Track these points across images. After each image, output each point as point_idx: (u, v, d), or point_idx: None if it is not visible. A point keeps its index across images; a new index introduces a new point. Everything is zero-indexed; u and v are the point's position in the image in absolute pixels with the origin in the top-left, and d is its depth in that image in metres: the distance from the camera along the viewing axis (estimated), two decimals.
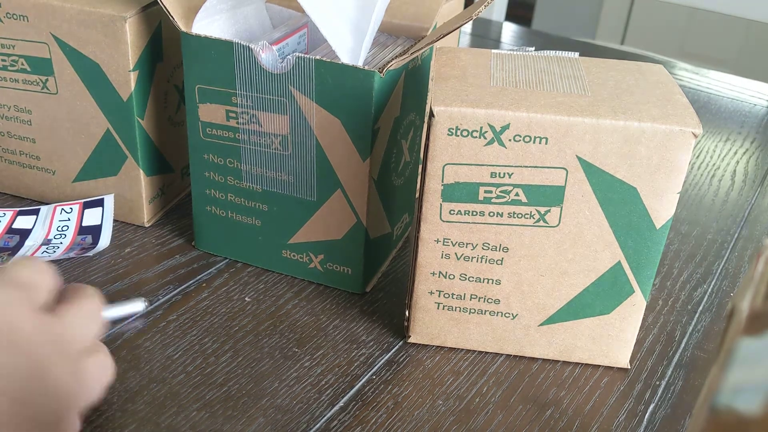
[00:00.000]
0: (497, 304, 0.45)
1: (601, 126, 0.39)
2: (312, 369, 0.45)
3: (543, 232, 0.42)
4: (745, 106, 0.91)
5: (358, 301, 0.51)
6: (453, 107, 0.40)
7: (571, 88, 0.42)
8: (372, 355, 0.47)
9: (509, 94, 0.41)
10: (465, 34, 1.06)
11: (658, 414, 0.44)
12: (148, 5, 0.51)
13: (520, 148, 0.40)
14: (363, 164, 0.47)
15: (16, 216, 0.55)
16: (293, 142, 0.47)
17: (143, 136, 0.54)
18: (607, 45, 1.26)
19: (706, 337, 0.51)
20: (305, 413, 0.42)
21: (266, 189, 0.50)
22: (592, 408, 0.44)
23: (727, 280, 0.58)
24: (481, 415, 0.43)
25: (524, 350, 0.47)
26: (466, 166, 0.41)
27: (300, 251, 0.51)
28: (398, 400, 0.43)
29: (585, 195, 0.41)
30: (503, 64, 0.45)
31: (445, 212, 0.43)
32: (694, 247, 0.61)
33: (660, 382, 0.46)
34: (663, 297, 0.55)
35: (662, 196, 0.41)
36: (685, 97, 0.42)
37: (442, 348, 0.48)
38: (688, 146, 0.39)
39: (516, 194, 0.41)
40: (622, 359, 0.47)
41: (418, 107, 0.54)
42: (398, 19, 0.53)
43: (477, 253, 0.44)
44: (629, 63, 0.47)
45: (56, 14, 0.50)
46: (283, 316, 0.49)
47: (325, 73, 0.44)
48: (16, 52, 0.53)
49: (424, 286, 0.45)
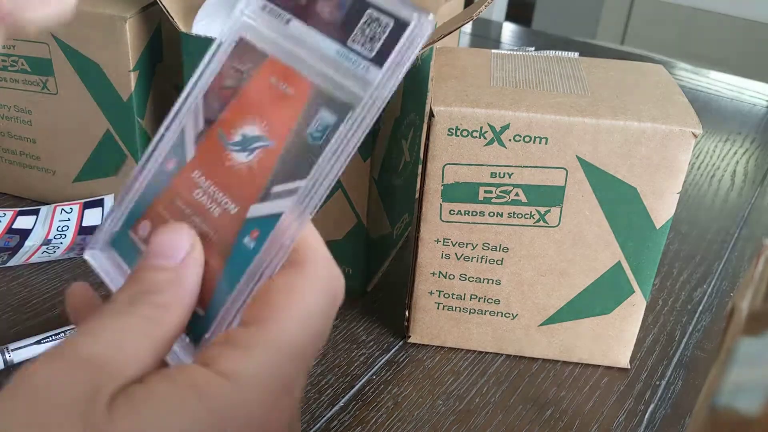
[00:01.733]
0: (497, 304, 0.45)
1: (601, 126, 0.39)
2: (312, 369, 0.45)
3: (543, 232, 0.42)
4: (745, 106, 0.91)
5: (358, 301, 0.51)
6: (453, 107, 0.40)
7: (571, 88, 0.42)
8: (372, 355, 0.47)
9: (509, 94, 0.41)
10: (465, 34, 1.06)
11: (658, 414, 0.44)
12: (148, 5, 0.51)
13: (520, 148, 0.40)
14: (363, 164, 0.47)
15: (17, 216, 0.55)
16: None
17: (143, 136, 0.54)
18: (607, 45, 1.26)
19: (706, 337, 0.51)
20: (305, 413, 0.42)
21: None
22: (592, 408, 0.44)
23: (727, 280, 0.58)
24: (481, 415, 0.43)
25: (524, 350, 0.47)
26: (466, 166, 0.41)
27: None
28: (398, 400, 0.43)
29: (585, 195, 0.41)
30: (503, 64, 0.45)
31: (445, 212, 0.43)
32: (694, 247, 0.61)
33: (660, 382, 0.46)
34: (663, 297, 0.55)
35: (662, 196, 0.41)
36: (685, 97, 0.42)
37: (442, 348, 0.48)
38: (688, 146, 0.39)
39: (516, 194, 0.41)
40: (622, 359, 0.47)
41: (418, 107, 0.54)
42: None
43: (477, 253, 0.44)
44: (629, 63, 0.47)
45: None
46: None
47: None
48: (16, 53, 0.53)
49: (424, 286, 0.45)
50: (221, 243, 0.25)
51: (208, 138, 0.26)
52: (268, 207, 0.24)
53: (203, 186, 0.26)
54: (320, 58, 0.24)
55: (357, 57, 0.24)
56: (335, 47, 0.24)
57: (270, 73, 0.26)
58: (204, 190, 0.26)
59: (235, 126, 0.26)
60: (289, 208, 0.24)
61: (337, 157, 0.24)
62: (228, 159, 0.25)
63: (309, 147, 0.24)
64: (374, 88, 0.23)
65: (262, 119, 0.25)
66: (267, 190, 0.24)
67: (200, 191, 0.26)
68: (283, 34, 0.25)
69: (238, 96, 0.26)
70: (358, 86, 0.24)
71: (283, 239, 0.24)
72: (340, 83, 0.24)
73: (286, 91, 0.25)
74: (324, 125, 0.24)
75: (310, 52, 0.25)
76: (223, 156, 0.26)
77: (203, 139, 0.26)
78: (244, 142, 0.25)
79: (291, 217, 0.24)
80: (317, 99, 0.24)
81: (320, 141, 0.24)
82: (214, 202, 0.25)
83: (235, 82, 0.26)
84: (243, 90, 0.26)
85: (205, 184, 0.26)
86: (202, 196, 0.26)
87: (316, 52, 0.25)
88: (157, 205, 0.27)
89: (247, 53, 0.26)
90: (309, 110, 0.24)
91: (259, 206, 0.24)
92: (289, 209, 0.24)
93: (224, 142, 0.26)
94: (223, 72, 0.27)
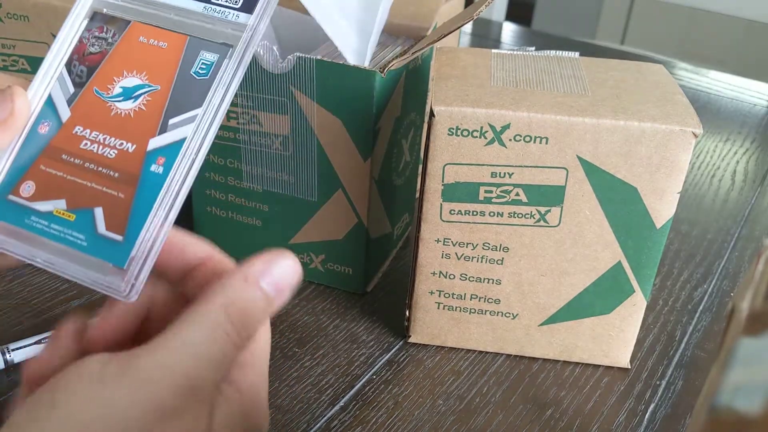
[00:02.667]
0: (497, 303, 0.45)
1: (602, 126, 0.39)
2: (312, 369, 0.45)
3: (543, 232, 0.42)
4: (745, 106, 0.91)
5: (358, 301, 0.51)
6: (453, 107, 0.40)
7: (571, 88, 0.42)
8: (372, 354, 0.47)
9: (509, 94, 0.41)
10: (465, 34, 1.06)
11: (659, 414, 0.44)
12: None
13: (520, 147, 0.40)
14: (364, 164, 0.47)
15: None
16: (294, 143, 0.47)
17: None
18: (607, 45, 1.26)
19: (706, 336, 0.51)
20: (305, 413, 0.42)
21: (267, 189, 0.50)
22: (592, 408, 0.44)
23: (727, 280, 0.58)
24: (482, 415, 0.43)
25: (524, 350, 0.47)
26: (466, 166, 0.41)
27: (301, 251, 0.51)
28: (398, 400, 0.43)
29: (585, 195, 0.41)
30: (503, 64, 0.45)
31: (445, 212, 0.43)
32: (694, 247, 0.61)
33: (660, 382, 0.46)
34: (663, 297, 0.55)
35: (662, 195, 0.41)
36: (685, 97, 0.42)
37: (443, 348, 0.48)
38: (689, 146, 0.39)
39: (516, 194, 0.41)
40: (622, 359, 0.47)
41: (419, 107, 0.54)
42: (398, 19, 0.53)
43: (477, 253, 0.44)
44: (629, 63, 0.47)
45: (57, 14, 0.50)
46: (283, 315, 0.49)
47: (326, 73, 0.44)
48: (16, 52, 0.53)
49: (424, 286, 0.45)
50: (126, 177, 0.29)
51: (82, 98, 0.30)
52: (170, 136, 0.29)
53: (90, 137, 0.29)
54: (188, 16, 0.30)
55: (224, 9, 0.30)
56: (201, 5, 0.30)
57: (138, 34, 0.30)
58: (92, 140, 0.29)
59: (112, 82, 0.30)
60: (191, 132, 0.29)
61: (225, 87, 0.29)
62: (111, 110, 0.29)
63: (197, 82, 0.29)
64: (250, 29, 0.29)
65: (140, 71, 0.30)
66: (164, 123, 0.29)
67: (87, 142, 0.29)
68: (142, 4, 0.31)
69: (109, 57, 0.30)
70: (233, 30, 0.30)
71: (189, 161, 0.28)
72: (214, 30, 0.30)
73: (160, 45, 0.30)
74: (207, 64, 0.29)
75: (176, 12, 0.30)
76: (106, 108, 0.30)
77: (77, 100, 0.30)
78: (126, 93, 0.30)
79: (194, 141, 0.28)
80: (194, 46, 0.30)
81: (206, 76, 0.29)
82: (107, 146, 0.29)
83: (101, 47, 0.31)
84: (112, 52, 0.30)
85: (92, 135, 0.29)
86: (92, 145, 0.29)
87: (182, 12, 0.30)
88: (38, 165, 0.29)
89: (106, 23, 0.31)
90: (188, 55, 0.30)
91: (160, 138, 0.29)
92: (192, 132, 0.29)
93: (103, 97, 0.30)
94: (84, 42, 0.31)
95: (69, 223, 0.28)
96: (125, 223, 0.28)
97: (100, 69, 0.30)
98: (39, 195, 0.29)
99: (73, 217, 0.28)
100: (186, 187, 0.28)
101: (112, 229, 0.28)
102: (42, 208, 0.29)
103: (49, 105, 0.30)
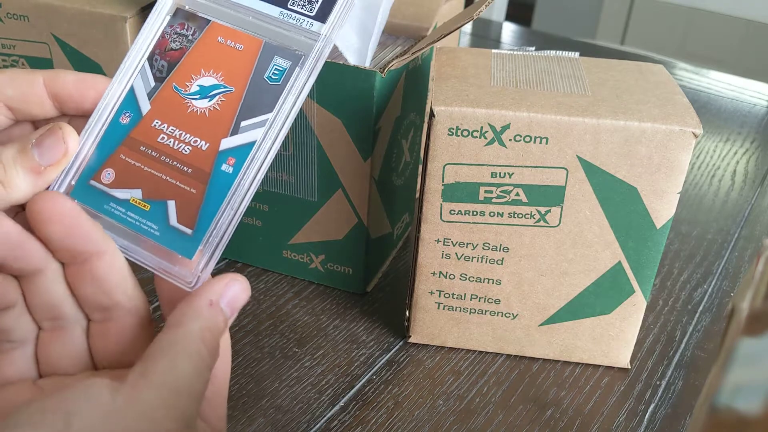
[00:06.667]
0: (497, 304, 0.45)
1: (602, 126, 0.39)
2: (312, 369, 0.45)
3: (543, 232, 0.42)
4: (745, 106, 0.91)
5: (358, 301, 0.51)
6: (453, 107, 0.40)
7: (571, 88, 0.42)
8: (372, 355, 0.47)
9: (509, 94, 0.41)
10: (465, 34, 1.06)
11: (659, 414, 0.44)
12: (148, 5, 0.51)
13: (520, 147, 0.40)
14: (364, 164, 0.47)
15: None
16: (294, 143, 0.47)
17: None
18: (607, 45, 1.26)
19: (706, 337, 0.51)
20: (305, 413, 0.42)
21: (267, 189, 0.50)
22: (592, 408, 0.44)
23: (727, 280, 0.58)
24: (482, 415, 0.43)
25: (524, 350, 0.47)
26: (466, 166, 0.41)
27: (301, 251, 0.51)
28: (398, 400, 0.43)
29: (585, 195, 0.41)
30: (503, 64, 0.45)
31: (445, 212, 0.43)
32: (694, 247, 0.61)
33: (660, 382, 0.46)
34: (663, 297, 0.55)
35: (662, 195, 0.41)
36: (685, 97, 0.42)
37: (443, 348, 0.48)
38: (689, 146, 0.39)
39: (516, 194, 0.41)
40: (622, 359, 0.47)
41: (419, 107, 0.54)
42: (398, 19, 0.53)
43: (477, 253, 0.44)
44: (629, 63, 0.47)
45: (57, 14, 0.50)
46: (283, 316, 0.49)
47: (326, 74, 0.44)
48: (16, 52, 0.53)
49: (424, 286, 0.45)
50: (198, 173, 0.29)
51: (162, 93, 0.31)
52: (241, 138, 0.30)
53: (167, 131, 0.30)
54: (264, 19, 0.31)
55: (299, 16, 0.30)
56: (278, 10, 0.30)
57: (216, 34, 0.31)
58: (169, 134, 0.30)
59: (190, 79, 0.31)
60: (261, 135, 0.29)
61: (295, 95, 0.30)
62: (188, 107, 0.30)
63: (269, 87, 0.30)
64: (323, 39, 0.30)
65: (217, 71, 0.30)
66: (236, 125, 0.30)
67: (165, 136, 0.30)
68: (222, 4, 0.31)
69: (188, 55, 0.31)
70: (307, 38, 0.30)
71: (258, 164, 0.29)
72: (289, 36, 0.30)
73: (236, 47, 0.31)
74: (280, 70, 0.30)
75: (254, 15, 0.31)
76: (183, 105, 0.30)
77: (157, 94, 0.31)
78: (202, 91, 0.30)
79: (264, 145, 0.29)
80: (269, 50, 0.30)
81: (278, 82, 0.30)
82: (182, 142, 0.30)
83: (181, 44, 0.31)
84: (192, 50, 0.31)
85: (168, 129, 0.30)
86: (168, 140, 0.30)
87: (259, 15, 0.31)
88: (118, 154, 0.30)
89: (188, 20, 0.31)
90: (263, 59, 0.30)
91: (231, 139, 0.30)
92: (261, 136, 0.29)
93: (181, 94, 0.30)
94: (166, 37, 0.31)
95: (144, 212, 0.30)
96: (195, 217, 0.29)
97: (180, 65, 0.31)
98: (118, 183, 0.30)
99: (149, 207, 0.30)
100: (253, 189, 0.29)
101: (182, 222, 0.29)
102: (120, 195, 0.30)
103: (131, 97, 0.31)
